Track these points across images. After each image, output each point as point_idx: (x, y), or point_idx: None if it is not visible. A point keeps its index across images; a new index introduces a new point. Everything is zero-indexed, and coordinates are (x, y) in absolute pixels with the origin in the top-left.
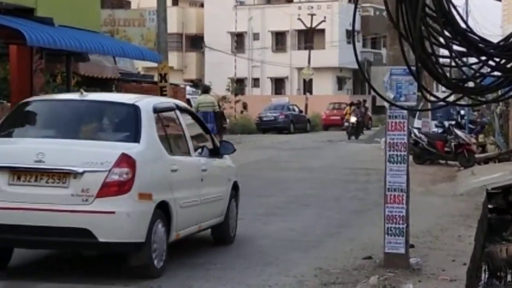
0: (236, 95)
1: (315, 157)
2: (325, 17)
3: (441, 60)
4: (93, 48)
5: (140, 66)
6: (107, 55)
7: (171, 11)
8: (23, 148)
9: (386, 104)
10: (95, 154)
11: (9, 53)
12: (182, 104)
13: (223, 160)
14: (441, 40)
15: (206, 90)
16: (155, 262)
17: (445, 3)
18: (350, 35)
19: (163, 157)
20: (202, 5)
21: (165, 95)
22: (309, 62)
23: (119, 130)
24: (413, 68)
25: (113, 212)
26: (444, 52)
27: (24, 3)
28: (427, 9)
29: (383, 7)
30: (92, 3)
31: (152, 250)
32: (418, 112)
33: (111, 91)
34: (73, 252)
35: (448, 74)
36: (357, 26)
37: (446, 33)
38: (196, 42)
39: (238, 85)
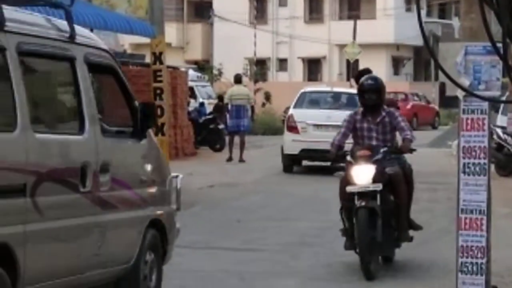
0: (255, 81)
1: None
2: None
3: None
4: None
5: (126, 42)
6: (81, 28)
7: None
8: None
9: (459, 94)
10: None
11: None
12: None
13: None
14: None
15: (239, 79)
16: None
17: None
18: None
19: None
20: None
21: (160, 81)
22: (354, 37)
23: None
24: (498, 44)
25: None
26: None
27: None
28: None
29: None
30: None
31: None
32: (502, 106)
33: None
34: None
35: None
36: None
37: None
38: (201, 10)
39: (259, 68)
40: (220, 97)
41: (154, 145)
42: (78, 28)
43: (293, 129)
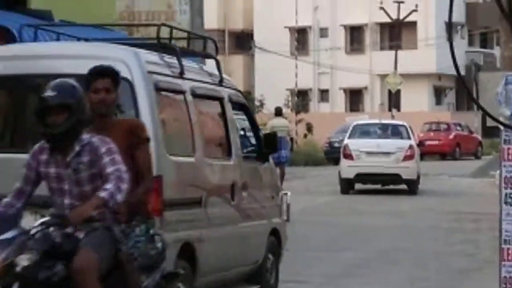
0: (297, 112)
1: (406, 196)
2: (416, 6)
3: None
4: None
5: None
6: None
7: (210, 0)
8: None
9: (501, 125)
10: None
11: None
12: None
13: None
14: None
15: (279, 112)
16: None
17: None
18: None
19: None
20: None
21: None
22: (395, 67)
23: None
24: None
25: None
26: None
27: None
28: None
29: None
30: None
31: None
32: None
33: None
34: None
35: None
36: (461, 17)
37: None
38: (243, 41)
39: (300, 99)
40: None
41: (272, 167)
42: (223, 74)
43: (348, 156)
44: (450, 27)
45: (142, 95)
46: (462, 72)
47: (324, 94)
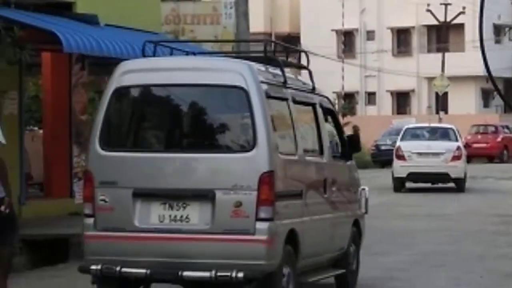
0: (344, 115)
1: (451, 199)
2: (464, 8)
3: None
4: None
5: None
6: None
7: (256, 3)
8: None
9: None
10: None
11: (41, 63)
12: None
13: None
14: None
15: None
16: None
17: None
18: (499, 31)
19: None
20: None
21: None
22: (443, 70)
23: None
24: None
25: None
26: None
27: None
28: None
29: None
30: None
31: None
32: None
33: None
34: None
35: None
36: (510, 19)
37: None
38: (290, 44)
39: (347, 101)
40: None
41: (354, 165)
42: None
43: (401, 157)
44: (481, 33)
45: (256, 102)
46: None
47: (371, 97)
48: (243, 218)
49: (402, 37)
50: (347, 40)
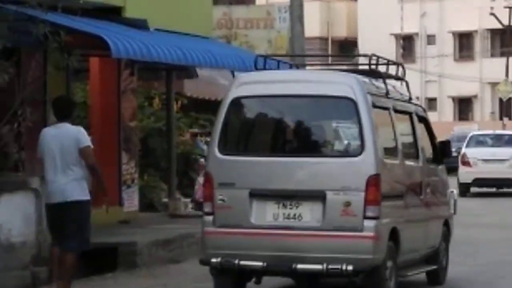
0: None
1: None
2: None
3: None
4: (203, 60)
5: None
6: (222, 69)
7: (311, 7)
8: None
9: None
10: None
11: (89, 68)
12: None
13: None
14: None
15: None
16: None
17: None
18: None
19: None
20: None
21: None
22: (507, 75)
23: None
24: None
25: None
26: None
27: (108, 1)
28: None
29: None
30: None
31: None
32: None
33: None
34: None
35: None
36: None
37: None
38: (346, 49)
39: None
40: None
41: (444, 169)
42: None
43: (466, 163)
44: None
45: (363, 111)
46: None
47: (431, 103)
48: (351, 217)
49: (464, 41)
50: (406, 45)
